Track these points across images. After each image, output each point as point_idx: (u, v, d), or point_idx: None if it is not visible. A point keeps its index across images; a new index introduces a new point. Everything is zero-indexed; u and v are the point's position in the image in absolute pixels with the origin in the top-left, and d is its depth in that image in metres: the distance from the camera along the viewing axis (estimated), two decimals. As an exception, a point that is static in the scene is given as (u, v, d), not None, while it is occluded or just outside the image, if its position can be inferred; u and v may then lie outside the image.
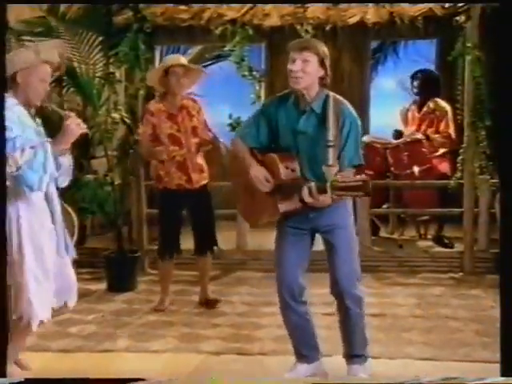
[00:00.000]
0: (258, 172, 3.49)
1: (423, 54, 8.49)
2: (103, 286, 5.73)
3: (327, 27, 6.22)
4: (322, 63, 3.43)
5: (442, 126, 6.60)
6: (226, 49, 6.42)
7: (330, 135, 3.38)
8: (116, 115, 6.04)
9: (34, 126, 3.66)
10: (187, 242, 5.28)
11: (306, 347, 3.69)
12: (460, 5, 5.94)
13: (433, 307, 5.11)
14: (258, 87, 6.36)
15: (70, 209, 5.27)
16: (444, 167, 6.53)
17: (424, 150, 6.47)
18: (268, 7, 6.22)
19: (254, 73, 6.31)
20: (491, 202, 5.94)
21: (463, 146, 6.03)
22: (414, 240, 6.84)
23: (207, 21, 6.24)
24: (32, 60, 3.62)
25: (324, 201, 3.30)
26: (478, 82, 5.86)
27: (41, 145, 3.50)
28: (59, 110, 3.89)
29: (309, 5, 6.19)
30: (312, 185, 3.29)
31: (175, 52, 8.55)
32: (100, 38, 6.43)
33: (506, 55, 3.29)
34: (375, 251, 6.29)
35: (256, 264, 6.17)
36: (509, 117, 3.26)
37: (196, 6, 6.25)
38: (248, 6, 6.19)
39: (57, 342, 4.41)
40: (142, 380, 3.26)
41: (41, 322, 3.60)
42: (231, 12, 6.19)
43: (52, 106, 3.85)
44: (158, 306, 5.14)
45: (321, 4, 6.21)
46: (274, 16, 6.24)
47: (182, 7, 6.29)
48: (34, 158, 3.44)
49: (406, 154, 6.45)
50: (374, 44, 8.78)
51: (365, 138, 6.23)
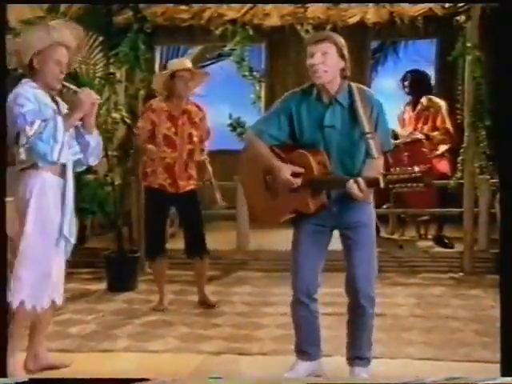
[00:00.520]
0: (285, 169, 3.39)
1: (423, 53, 8.49)
2: (103, 285, 5.73)
3: (327, 27, 6.21)
4: (341, 54, 3.38)
5: (438, 121, 6.62)
6: (226, 49, 6.44)
7: (366, 127, 3.31)
8: (116, 115, 6.05)
9: (52, 105, 3.71)
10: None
11: (309, 344, 3.67)
12: (460, 5, 5.94)
13: (433, 307, 5.11)
14: (258, 87, 6.38)
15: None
16: (444, 167, 6.54)
17: (424, 149, 6.48)
18: (268, 7, 6.22)
19: (254, 73, 6.33)
20: (491, 202, 5.94)
21: (463, 145, 6.04)
22: (414, 240, 6.86)
23: (207, 21, 6.24)
24: (44, 42, 3.65)
25: (368, 194, 3.27)
26: (478, 82, 5.87)
27: (52, 118, 3.56)
28: (71, 85, 3.89)
29: (309, 5, 6.19)
30: (359, 179, 3.21)
31: (175, 52, 8.58)
32: (100, 38, 6.43)
33: (506, 55, 3.30)
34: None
35: (256, 264, 6.17)
36: (509, 117, 3.26)
37: (196, 6, 6.24)
38: (248, 5, 6.19)
39: (57, 342, 4.41)
40: (146, 380, 3.27)
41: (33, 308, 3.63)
42: (231, 12, 6.19)
43: (64, 82, 3.82)
44: (157, 306, 5.14)
45: (321, 4, 6.20)
46: (274, 16, 6.24)
47: (183, 7, 6.29)
48: (44, 129, 3.51)
49: (405, 154, 6.45)
50: (374, 44, 8.79)
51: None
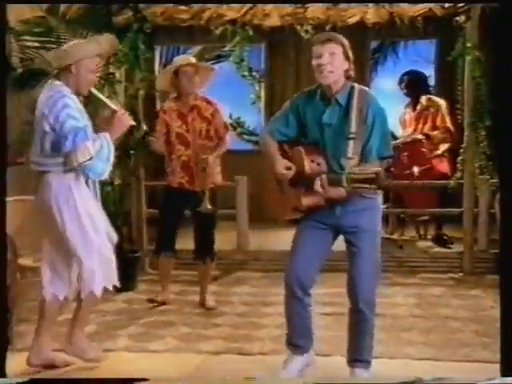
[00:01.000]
0: (280, 163, 3.49)
1: (423, 54, 8.50)
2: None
3: (327, 27, 6.20)
4: (346, 55, 3.45)
5: (438, 120, 6.62)
6: (225, 49, 6.45)
7: (352, 127, 3.36)
8: (116, 115, 6.03)
9: (86, 114, 3.89)
10: (189, 243, 5.27)
11: (302, 337, 3.69)
12: (460, 5, 5.93)
13: (432, 307, 5.11)
14: (257, 87, 6.38)
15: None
16: (444, 167, 6.54)
17: (424, 150, 6.48)
18: (268, 7, 6.21)
19: (254, 73, 6.33)
20: (491, 202, 5.94)
21: (463, 146, 6.03)
22: (414, 240, 6.86)
23: (207, 21, 6.22)
24: (94, 51, 3.88)
25: (338, 193, 3.28)
26: (477, 82, 5.86)
27: (103, 136, 3.74)
28: (100, 95, 4.08)
29: (309, 5, 6.18)
30: (323, 176, 3.28)
31: (175, 52, 8.57)
32: (100, 39, 6.42)
33: (506, 55, 3.30)
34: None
35: (256, 264, 6.17)
36: (509, 117, 3.26)
37: (196, 7, 6.23)
38: (248, 6, 6.18)
39: (57, 341, 4.39)
40: (145, 380, 3.28)
41: (103, 289, 3.88)
42: (231, 12, 6.18)
43: (93, 90, 4.01)
44: (154, 297, 5.15)
45: (321, 4, 6.19)
46: (273, 16, 6.22)
47: (182, 7, 6.27)
48: (101, 149, 3.69)
49: (405, 154, 6.46)
50: (373, 44, 8.80)
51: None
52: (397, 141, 6.65)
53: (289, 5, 6.18)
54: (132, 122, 3.96)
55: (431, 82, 7.77)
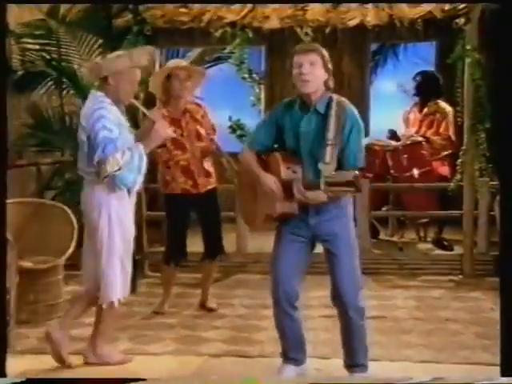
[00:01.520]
0: (267, 179, 3.49)
1: (423, 56, 8.50)
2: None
3: (327, 30, 6.22)
4: (326, 66, 3.48)
5: (442, 127, 6.61)
6: (225, 51, 6.44)
7: (330, 134, 3.39)
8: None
9: (126, 124, 4.00)
10: (191, 245, 5.27)
11: (295, 350, 3.71)
12: (460, 7, 5.94)
13: (433, 310, 5.11)
14: (257, 90, 6.38)
15: (69, 211, 5.26)
16: (444, 170, 6.54)
17: (424, 152, 6.48)
18: (268, 10, 6.22)
19: (254, 75, 6.33)
20: (491, 205, 5.93)
21: (463, 148, 6.03)
22: (414, 243, 6.85)
23: (207, 23, 6.23)
24: (125, 66, 3.94)
25: (317, 197, 3.30)
26: (477, 85, 5.86)
27: (136, 147, 3.84)
28: (143, 108, 4.25)
29: (308, 7, 6.19)
30: (299, 181, 3.34)
31: (175, 55, 8.57)
32: (100, 41, 6.44)
33: (506, 57, 3.30)
34: (375, 254, 6.29)
35: (256, 267, 6.16)
36: (509, 119, 3.27)
37: (196, 9, 6.24)
38: (248, 8, 6.19)
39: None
40: (143, 380, 3.28)
41: (112, 303, 3.94)
42: (231, 15, 6.19)
43: (136, 103, 4.19)
44: (158, 308, 5.13)
45: (321, 6, 6.20)
46: (273, 18, 6.23)
47: (182, 10, 6.29)
48: (132, 160, 3.78)
49: (405, 156, 6.46)
50: (373, 46, 8.78)
51: (364, 141, 6.23)
52: (397, 143, 6.67)
53: (288, 7, 6.19)
54: (171, 133, 4.09)
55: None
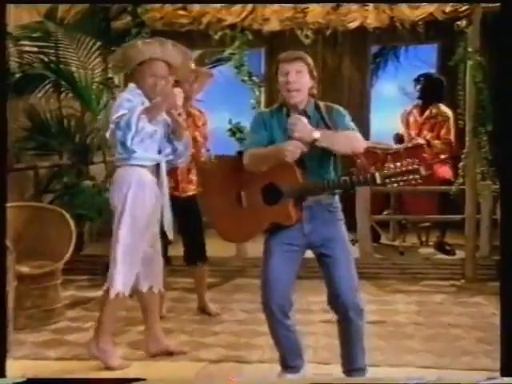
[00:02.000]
0: (289, 143, 3.38)
1: (424, 58, 8.51)
2: (101, 293, 5.70)
3: (327, 32, 6.22)
4: (311, 74, 3.49)
5: (443, 131, 6.61)
6: (225, 54, 6.43)
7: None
8: (114, 121, 6.03)
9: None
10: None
11: (293, 358, 3.70)
12: (461, 9, 5.95)
13: (434, 315, 5.11)
14: (257, 92, 6.37)
15: (67, 215, 5.26)
16: (445, 173, 6.54)
17: (425, 155, 6.47)
18: (268, 12, 6.21)
19: (254, 78, 6.32)
20: (493, 208, 5.94)
21: (465, 151, 6.03)
22: (416, 247, 6.85)
23: (206, 26, 6.23)
24: (144, 57, 4.00)
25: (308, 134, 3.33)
26: (479, 87, 5.87)
27: (131, 110, 3.85)
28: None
29: (309, 9, 6.19)
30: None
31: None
32: (98, 43, 6.44)
33: (508, 59, 3.30)
34: (376, 258, 6.29)
35: (255, 271, 6.08)
36: (510, 122, 3.26)
37: (195, 11, 6.24)
38: (247, 10, 6.19)
39: (54, 350, 4.41)
40: (143, 380, 3.30)
41: (117, 295, 4.01)
42: (231, 17, 6.18)
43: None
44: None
45: (321, 8, 6.20)
46: (273, 21, 6.23)
47: (182, 12, 6.28)
48: (122, 118, 3.81)
49: (407, 159, 6.43)
50: (374, 49, 8.81)
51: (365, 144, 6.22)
52: (398, 146, 6.67)
53: (289, 9, 6.18)
54: (179, 93, 4.05)
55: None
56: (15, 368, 3.77)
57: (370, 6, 6.17)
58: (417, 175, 3.18)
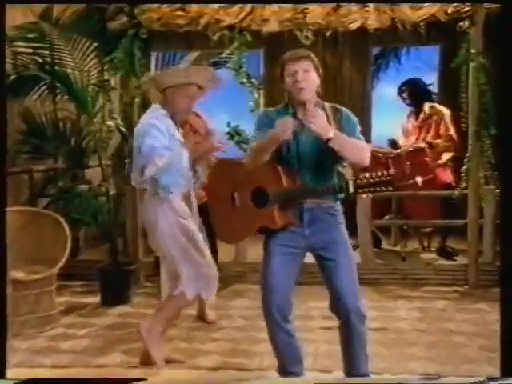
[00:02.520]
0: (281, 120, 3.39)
1: (426, 60, 8.53)
2: (97, 299, 5.72)
3: (327, 33, 6.23)
4: (317, 71, 3.50)
5: (441, 129, 6.63)
6: (223, 55, 6.44)
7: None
8: (111, 123, 6.05)
9: (178, 137, 4.16)
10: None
11: (292, 365, 3.69)
12: (464, 10, 5.96)
13: (436, 321, 5.11)
14: (256, 95, 6.38)
15: (62, 220, 5.26)
16: (448, 177, 6.55)
17: (427, 159, 6.48)
18: (267, 13, 6.22)
19: (253, 80, 6.32)
20: (496, 213, 5.93)
21: (467, 155, 6.03)
22: (417, 252, 6.85)
23: (204, 26, 6.23)
24: (181, 81, 4.14)
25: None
26: (482, 90, 5.87)
27: (179, 151, 4.03)
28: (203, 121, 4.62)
29: (308, 10, 6.19)
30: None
31: (172, 58, 8.57)
32: (94, 44, 6.44)
33: (509, 60, 3.31)
34: (377, 264, 6.29)
35: (255, 276, 6.11)
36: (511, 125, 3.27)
37: (193, 12, 6.25)
38: (246, 11, 6.19)
39: (50, 357, 4.40)
40: (144, 380, 3.33)
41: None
42: (229, 18, 6.19)
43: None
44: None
45: (321, 9, 6.20)
46: (272, 22, 6.23)
47: (179, 13, 6.29)
48: (170, 163, 3.94)
49: (408, 163, 6.46)
50: (375, 50, 8.82)
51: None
52: (399, 150, 6.67)
53: (288, 10, 6.19)
54: (221, 148, 4.24)
55: (434, 89, 7.79)
56: (9, 376, 3.76)
57: (371, 6, 6.18)
58: (390, 187, 3.19)
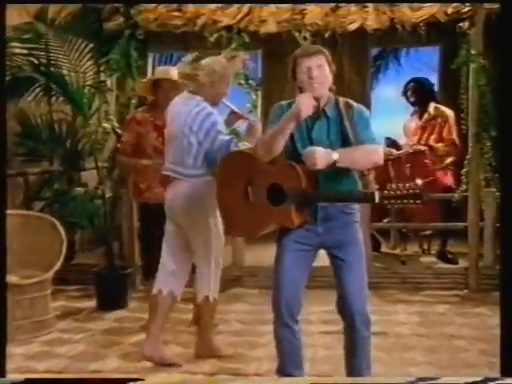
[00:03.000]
0: (302, 97, 3.37)
1: (426, 61, 8.54)
2: (93, 303, 5.72)
3: (326, 34, 6.23)
4: (330, 67, 3.48)
5: (444, 132, 6.63)
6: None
7: (351, 137, 3.41)
8: (107, 125, 6.04)
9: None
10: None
11: (292, 367, 3.67)
12: (464, 10, 5.97)
13: (436, 326, 5.11)
14: (254, 96, 6.38)
15: (57, 223, 5.26)
16: (448, 179, 6.55)
17: (427, 161, 6.49)
18: (265, 13, 6.23)
19: (251, 81, 6.33)
20: (497, 216, 5.94)
21: (468, 157, 6.04)
22: (417, 256, 6.85)
23: (201, 27, 6.24)
24: (237, 69, 4.50)
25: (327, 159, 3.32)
26: (482, 91, 5.89)
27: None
28: (235, 108, 4.58)
29: (307, 10, 6.20)
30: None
31: (168, 59, 8.59)
32: (90, 45, 6.44)
33: (509, 60, 3.31)
34: (376, 267, 6.29)
35: (252, 281, 6.17)
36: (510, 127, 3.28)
37: (190, 12, 6.25)
38: (244, 12, 6.20)
39: (44, 362, 4.40)
40: (141, 380, 3.34)
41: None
42: (226, 18, 6.20)
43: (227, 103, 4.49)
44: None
45: (320, 9, 6.21)
46: (270, 22, 6.24)
47: (176, 13, 6.29)
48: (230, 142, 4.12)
49: (408, 165, 6.46)
50: (374, 51, 8.83)
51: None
52: (399, 152, 6.68)
53: (286, 11, 6.19)
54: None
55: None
56: (2, 382, 3.76)
57: (370, 7, 6.19)
58: (418, 200, 3.18)
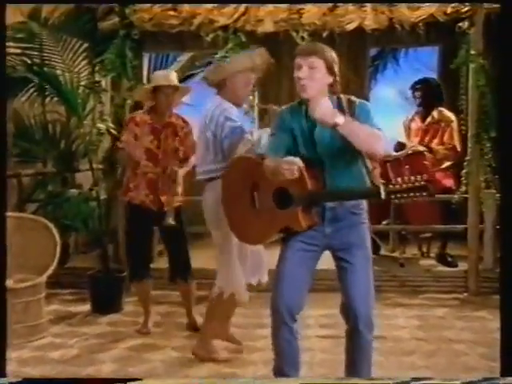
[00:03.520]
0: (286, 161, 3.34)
1: (425, 61, 8.58)
2: (87, 307, 5.71)
3: (324, 34, 6.23)
4: (330, 70, 3.44)
5: (446, 137, 6.63)
6: (217, 56, 6.44)
7: None
8: (102, 126, 6.04)
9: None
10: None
11: (289, 367, 3.66)
12: (463, 10, 5.98)
13: (436, 329, 5.11)
14: (250, 97, 6.37)
15: (51, 226, 5.25)
16: (447, 181, 6.55)
17: (426, 162, 6.48)
18: (262, 13, 6.23)
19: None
20: (497, 218, 5.94)
21: (467, 158, 6.04)
22: (416, 258, 6.85)
23: (198, 27, 6.24)
24: (245, 66, 4.40)
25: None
26: (482, 92, 5.89)
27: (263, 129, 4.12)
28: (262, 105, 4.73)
29: (304, 10, 6.20)
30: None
31: (164, 59, 8.59)
32: (85, 45, 6.42)
33: (509, 61, 3.32)
34: (375, 270, 6.18)
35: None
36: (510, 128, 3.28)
37: (186, 12, 6.25)
38: (240, 11, 6.20)
39: (37, 367, 4.39)
40: (140, 380, 3.37)
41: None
42: (223, 18, 6.19)
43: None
44: (141, 328, 5.12)
45: (317, 9, 6.21)
46: (267, 22, 6.24)
47: (172, 13, 6.29)
48: (261, 139, 4.01)
49: (407, 167, 6.45)
50: (373, 51, 8.85)
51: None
52: (398, 153, 6.67)
53: (283, 10, 6.19)
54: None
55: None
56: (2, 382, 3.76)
57: (368, 6, 6.19)
58: (424, 192, 3.17)
